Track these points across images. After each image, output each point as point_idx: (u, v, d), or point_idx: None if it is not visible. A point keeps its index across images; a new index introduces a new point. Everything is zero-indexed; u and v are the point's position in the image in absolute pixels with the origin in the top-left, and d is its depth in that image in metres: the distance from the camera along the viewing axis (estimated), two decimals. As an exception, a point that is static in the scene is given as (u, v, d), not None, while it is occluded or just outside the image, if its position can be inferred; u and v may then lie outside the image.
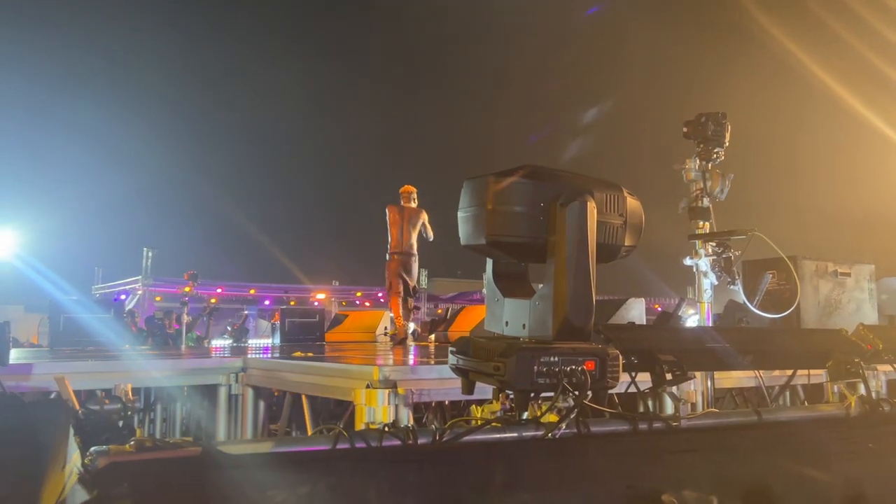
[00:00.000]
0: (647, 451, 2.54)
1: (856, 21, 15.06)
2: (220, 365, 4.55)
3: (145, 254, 19.82)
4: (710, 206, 4.11)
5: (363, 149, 29.37)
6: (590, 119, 22.65)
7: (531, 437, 2.36)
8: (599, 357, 2.36)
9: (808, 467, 2.71)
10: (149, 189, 26.72)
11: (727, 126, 4.13)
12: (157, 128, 27.18)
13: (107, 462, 1.81)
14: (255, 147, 29.73)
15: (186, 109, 27.53)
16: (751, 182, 13.07)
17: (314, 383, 3.84)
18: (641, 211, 2.58)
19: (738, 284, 3.97)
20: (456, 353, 2.56)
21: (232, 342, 10.89)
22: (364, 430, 2.22)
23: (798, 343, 3.34)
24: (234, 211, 24.87)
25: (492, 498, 2.21)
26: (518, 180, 2.39)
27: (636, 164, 15.00)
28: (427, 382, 3.36)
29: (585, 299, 2.36)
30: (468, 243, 2.52)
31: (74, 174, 25.66)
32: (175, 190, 26.94)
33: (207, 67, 29.04)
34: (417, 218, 8.97)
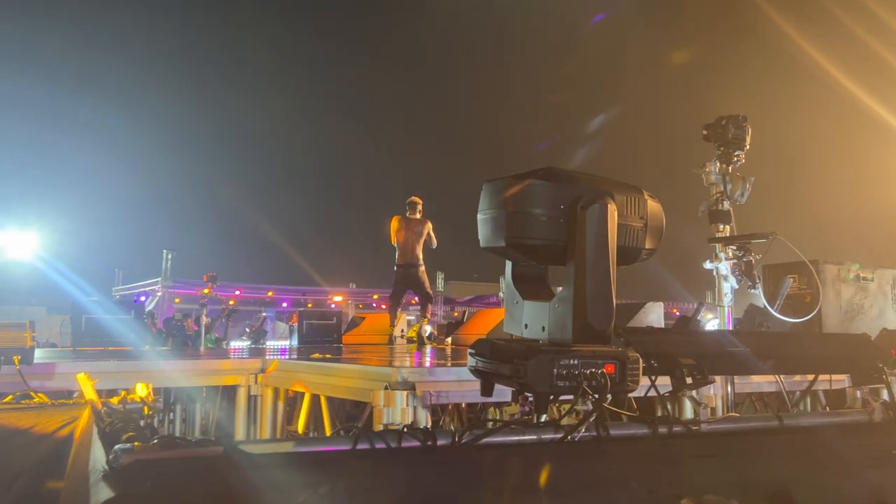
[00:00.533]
0: (668, 456, 2.53)
1: (876, 23, 14.89)
2: (240, 366, 4.58)
3: (165, 256, 20.00)
4: (730, 210, 4.08)
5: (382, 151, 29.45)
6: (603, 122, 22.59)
7: (550, 440, 2.36)
8: (619, 360, 2.35)
9: (831, 474, 2.67)
10: (169, 191, 27.00)
11: (748, 129, 4.10)
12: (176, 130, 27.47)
13: (131, 460, 1.84)
14: (275, 149, 29.94)
15: (206, 112, 27.80)
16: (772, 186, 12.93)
17: (333, 384, 3.85)
18: (662, 214, 2.57)
19: (758, 288, 3.93)
20: (475, 355, 2.57)
21: (250, 343, 10.95)
22: (384, 431, 2.23)
23: (820, 347, 3.30)
24: (253, 213, 25.06)
25: (511, 501, 2.21)
26: (538, 182, 2.39)
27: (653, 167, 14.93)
28: (445, 384, 3.36)
29: (605, 302, 2.36)
30: (488, 245, 2.52)
31: (96, 177, 25.99)
32: (195, 192, 27.21)
33: (227, 70, 29.31)
34: (422, 228, 9.14)
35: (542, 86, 26.72)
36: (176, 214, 26.82)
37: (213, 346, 10.97)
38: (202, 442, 1.96)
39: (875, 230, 14.20)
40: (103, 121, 25.21)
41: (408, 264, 9.20)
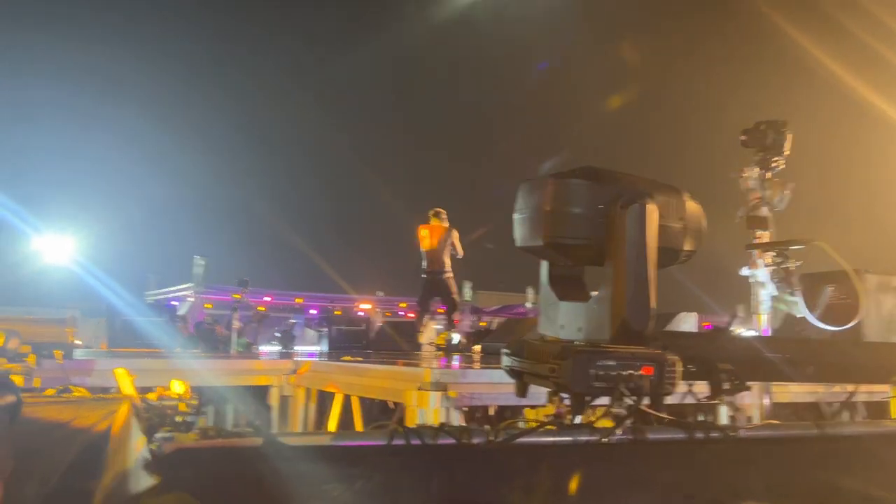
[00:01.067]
0: (705, 461, 2.49)
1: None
2: (272, 366, 4.63)
3: (197, 261, 20.26)
4: (768, 216, 4.01)
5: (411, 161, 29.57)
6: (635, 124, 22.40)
7: (585, 442, 2.34)
8: (658, 363, 2.32)
9: (872, 485, 2.61)
10: (201, 197, 27.35)
11: (787, 135, 4.04)
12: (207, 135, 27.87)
13: (173, 448, 1.86)
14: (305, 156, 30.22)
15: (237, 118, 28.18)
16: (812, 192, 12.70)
17: (366, 385, 3.87)
18: (702, 215, 2.54)
19: (798, 295, 3.86)
20: (510, 355, 2.56)
21: (280, 348, 11.04)
22: (419, 428, 2.23)
23: (861, 356, 3.23)
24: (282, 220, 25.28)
25: (546, 502, 2.19)
26: (577, 181, 2.39)
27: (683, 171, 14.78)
28: (478, 386, 3.36)
29: (644, 303, 2.34)
30: (524, 245, 2.52)
31: (129, 182, 26.45)
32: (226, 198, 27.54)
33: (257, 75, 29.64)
34: (447, 237, 9.29)
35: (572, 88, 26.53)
36: (208, 220, 27.17)
37: (244, 350, 11.08)
38: (241, 433, 1.98)
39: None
40: (136, 126, 25.69)
41: (434, 272, 9.38)
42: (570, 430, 2.36)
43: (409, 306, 24.22)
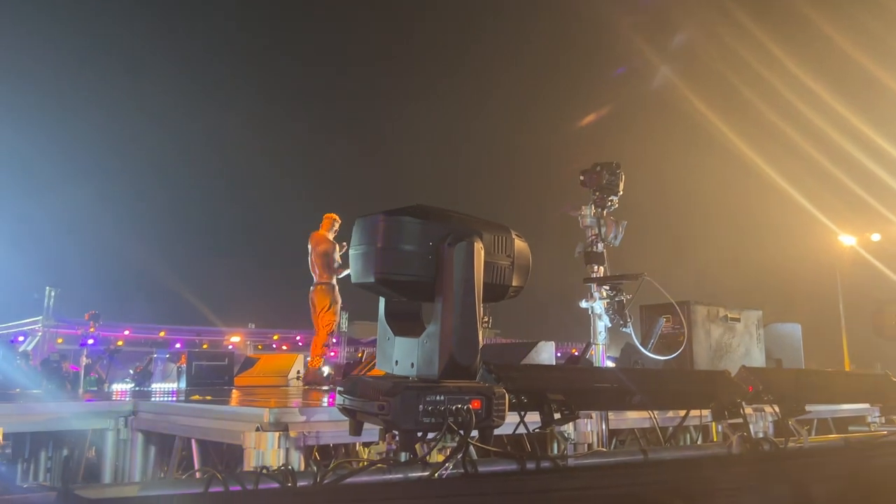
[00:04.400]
0: (535, 491, 2.56)
1: (753, 76, 16.19)
2: (108, 409, 4.32)
3: (47, 293, 18.85)
4: (604, 251, 4.26)
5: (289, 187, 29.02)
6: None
7: (417, 478, 2.34)
8: (486, 395, 2.37)
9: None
10: (53, 223, 25.49)
11: (621, 175, 4.32)
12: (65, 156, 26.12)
13: (-54, 509, 1.68)
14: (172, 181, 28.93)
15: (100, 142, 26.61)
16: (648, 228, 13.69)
17: (205, 427, 3.70)
18: (529, 253, 2.64)
19: (629, 327, 4.10)
20: (343, 393, 2.53)
21: (134, 386, 10.37)
22: (239, 473, 2.15)
23: (684, 383, 3.46)
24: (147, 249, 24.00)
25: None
26: (408, 219, 2.42)
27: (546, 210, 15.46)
28: (320, 425, 3.29)
29: (471, 338, 2.38)
30: (358, 281, 2.52)
31: (-30, 206, 24.24)
32: (83, 226, 25.81)
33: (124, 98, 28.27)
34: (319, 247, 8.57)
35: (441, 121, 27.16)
36: (61, 249, 25.33)
37: (95, 388, 10.33)
38: (34, 488, 1.82)
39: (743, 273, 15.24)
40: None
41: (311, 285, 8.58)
42: (400, 467, 2.36)
43: (281, 338, 23.63)
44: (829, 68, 16.35)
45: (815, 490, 3.17)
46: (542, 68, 23.65)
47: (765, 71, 15.92)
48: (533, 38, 23.86)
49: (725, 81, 16.52)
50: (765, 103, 16.21)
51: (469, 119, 25.84)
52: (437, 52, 23.56)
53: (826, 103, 16.80)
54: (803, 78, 15.83)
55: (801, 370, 5.95)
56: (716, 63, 16.66)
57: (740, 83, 16.27)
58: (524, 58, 23.96)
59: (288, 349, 22.00)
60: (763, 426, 4.66)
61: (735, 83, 16.33)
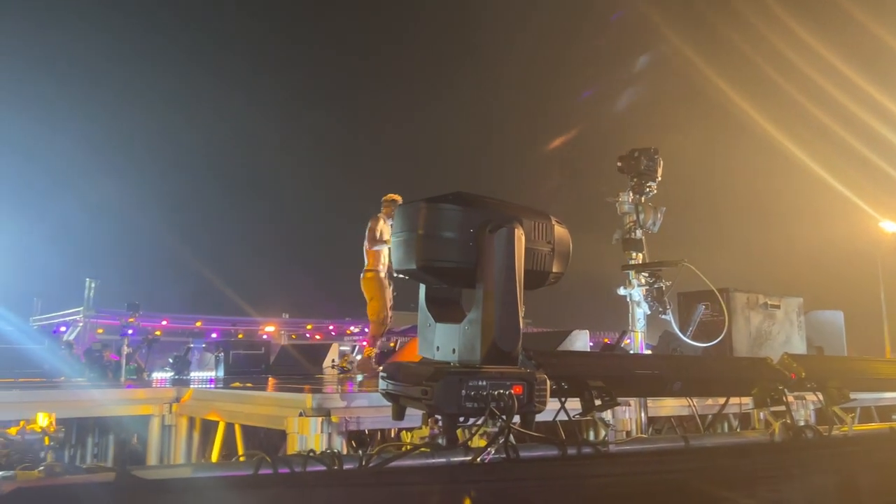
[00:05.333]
0: (577, 476, 2.57)
1: (789, 67, 15.86)
2: (153, 395, 4.43)
3: (87, 284, 19.28)
4: (642, 238, 4.22)
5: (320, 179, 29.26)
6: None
7: (459, 463, 2.36)
8: (527, 381, 2.38)
9: (734, 492, 2.76)
10: (93, 218, 26.04)
11: (659, 161, 4.27)
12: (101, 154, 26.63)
13: (12, 488, 1.75)
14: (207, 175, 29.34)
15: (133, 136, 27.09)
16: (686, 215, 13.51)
17: (248, 412, 3.77)
18: (569, 239, 2.63)
19: (669, 314, 4.07)
20: (386, 379, 2.56)
21: (173, 374, 10.58)
22: (288, 456, 2.19)
23: (725, 370, 3.43)
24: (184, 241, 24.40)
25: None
26: (448, 206, 2.43)
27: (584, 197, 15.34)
28: (361, 410, 3.33)
29: (513, 324, 2.39)
30: (400, 268, 2.54)
31: (14, 201, 24.88)
32: (122, 219, 26.33)
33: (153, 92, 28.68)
34: (367, 226, 7.79)
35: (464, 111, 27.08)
36: (101, 241, 25.89)
37: (135, 376, 10.56)
38: (92, 468, 1.88)
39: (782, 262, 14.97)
40: (25, 142, 24.25)
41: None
42: (443, 452, 2.39)
43: (315, 328, 23.88)
44: (863, 53, 15.96)
45: (862, 479, 3.13)
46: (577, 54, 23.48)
47: (797, 57, 15.59)
48: (564, 27, 23.67)
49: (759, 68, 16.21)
50: (801, 91, 15.89)
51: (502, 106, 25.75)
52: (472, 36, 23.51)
53: (862, 89, 16.40)
54: (837, 63, 15.47)
55: (845, 357, 5.85)
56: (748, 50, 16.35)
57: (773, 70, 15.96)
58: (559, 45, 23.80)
59: (321, 339, 22.18)
60: (805, 414, 4.59)
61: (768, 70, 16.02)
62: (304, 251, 27.69)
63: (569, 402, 2.85)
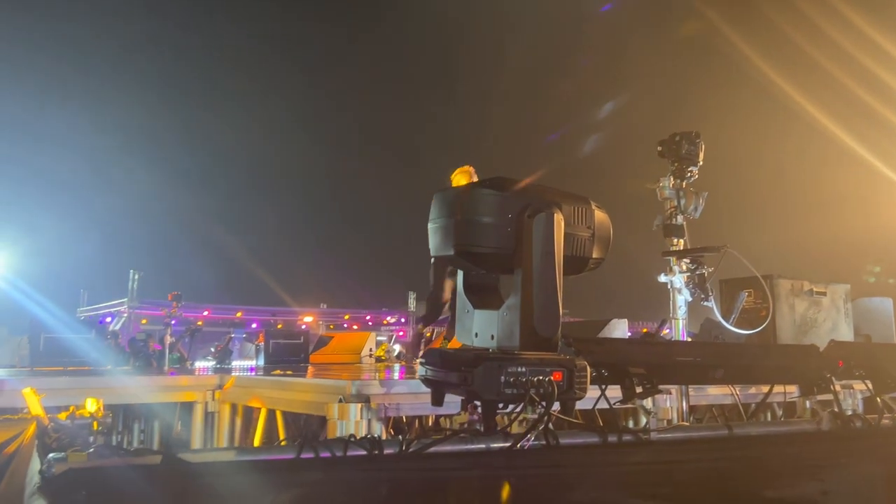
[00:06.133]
0: (618, 464, 2.54)
1: (834, 48, 15.38)
2: (197, 382, 4.52)
3: (131, 276, 19.71)
4: (683, 224, 4.15)
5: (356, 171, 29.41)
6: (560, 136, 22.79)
7: (499, 449, 2.36)
8: (567, 368, 2.36)
9: (779, 481, 2.71)
10: (136, 210, 26.60)
11: (701, 145, 4.19)
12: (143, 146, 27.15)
13: (64, 469, 1.80)
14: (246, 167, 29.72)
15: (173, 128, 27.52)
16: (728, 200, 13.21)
17: (289, 399, 3.83)
18: (610, 224, 2.60)
19: (711, 301, 3.99)
20: (425, 365, 2.56)
21: (215, 363, 10.78)
22: (328, 441, 2.21)
23: (770, 358, 3.36)
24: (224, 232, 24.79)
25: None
26: (486, 191, 2.42)
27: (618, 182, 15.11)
28: (400, 396, 3.36)
29: (552, 309, 2.37)
30: (437, 254, 2.54)
31: (60, 194, 25.55)
32: (163, 211, 26.84)
33: (194, 86, 29.05)
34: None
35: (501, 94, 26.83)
36: (144, 233, 26.45)
37: (177, 365, 10.79)
38: (140, 451, 1.92)
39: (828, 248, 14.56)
40: (69, 137, 24.85)
41: None
42: (482, 437, 2.39)
43: (352, 318, 24.10)
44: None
45: (912, 469, 3.04)
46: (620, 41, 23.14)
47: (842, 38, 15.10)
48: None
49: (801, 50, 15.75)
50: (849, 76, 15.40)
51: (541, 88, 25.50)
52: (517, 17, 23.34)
53: (915, 73, 15.86)
54: (884, 44, 14.94)
55: (894, 345, 5.68)
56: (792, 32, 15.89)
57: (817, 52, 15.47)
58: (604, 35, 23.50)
59: (359, 328, 22.38)
60: (852, 403, 4.48)
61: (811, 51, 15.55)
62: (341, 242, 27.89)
63: (609, 390, 2.82)
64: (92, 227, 24.97)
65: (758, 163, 18.59)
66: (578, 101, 23.69)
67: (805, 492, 2.67)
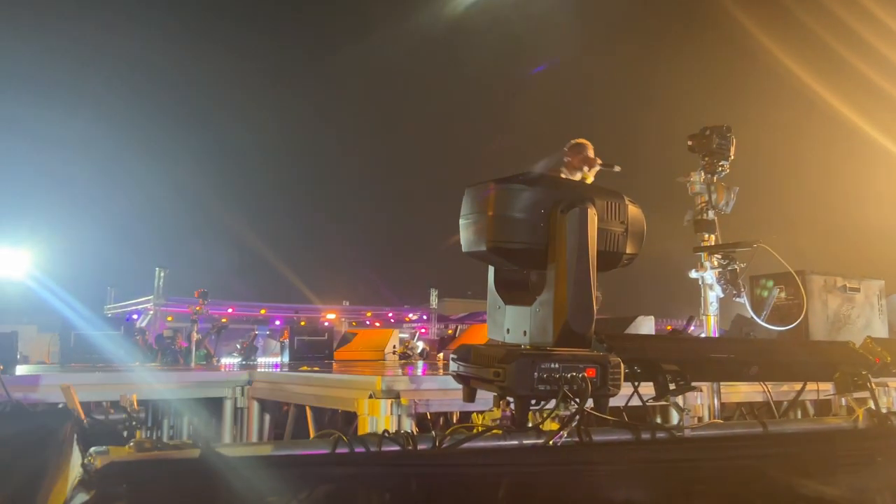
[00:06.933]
0: (653, 461, 2.52)
1: (859, 41, 15.11)
2: (226, 378, 4.57)
3: (157, 274, 19.99)
4: (714, 219, 4.11)
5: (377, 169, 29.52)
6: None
7: (532, 445, 2.35)
8: (600, 364, 2.35)
9: (814, 479, 2.67)
10: (161, 209, 26.95)
11: (732, 139, 4.14)
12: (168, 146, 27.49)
13: (106, 462, 1.82)
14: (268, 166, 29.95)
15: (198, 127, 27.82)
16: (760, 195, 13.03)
17: (318, 395, 3.85)
18: (643, 219, 2.58)
19: (743, 297, 3.95)
20: (457, 360, 2.57)
21: (241, 360, 10.89)
22: (363, 436, 2.22)
23: (804, 354, 3.31)
24: (247, 230, 25.03)
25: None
26: (519, 186, 2.41)
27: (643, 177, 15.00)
28: (430, 393, 3.36)
29: (586, 306, 2.36)
30: (469, 250, 2.53)
31: (87, 194, 25.99)
32: (188, 210, 27.17)
33: (218, 83, 29.33)
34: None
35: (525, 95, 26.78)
36: (169, 232, 26.81)
37: (204, 362, 10.92)
38: (179, 445, 1.95)
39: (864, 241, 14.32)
40: (94, 137, 25.23)
41: None
42: (515, 434, 2.38)
43: (374, 315, 24.22)
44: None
45: (953, 468, 2.98)
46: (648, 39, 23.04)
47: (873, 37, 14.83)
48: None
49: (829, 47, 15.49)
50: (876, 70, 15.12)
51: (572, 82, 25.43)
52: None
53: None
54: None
55: (930, 343, 5.57)
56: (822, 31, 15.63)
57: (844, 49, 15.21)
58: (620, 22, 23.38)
59: (381, 325, 22.49)
60: (887, 402, 4.41)
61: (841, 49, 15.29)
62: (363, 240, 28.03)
63: (641, 387, 2.80)
64: (118, 227, 25.35)
65: (794, 159, 18.35)
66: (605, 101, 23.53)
67: (842, 490, 2.63)
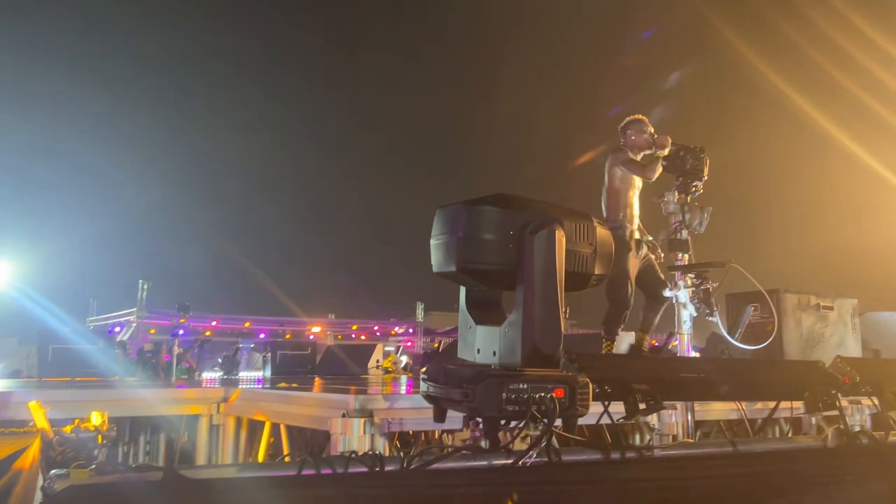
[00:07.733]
0: (621, 480, 2.53)
1: (842, 56, 15.34)
2: (202, 395, 4.54)
3: (140, 286, 19.79)
4: (688, 239, 4.15)
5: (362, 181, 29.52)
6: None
7: (501, 465, 2.35)
8: (569, 384, 2.36)
9: (783, 498, 2.69)
10: (145, 220, 26.79)
11: (706, 160, 4.19)
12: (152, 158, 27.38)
13: (65, 485, 1.81)
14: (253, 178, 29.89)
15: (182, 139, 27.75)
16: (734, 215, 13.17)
17: (293, 413, 3.83)
18: (612, 240, 2.60)
19: (716, 316, 3.98)
20: (427, 381, 2.57)
21: (223, 374, 10.81)
22: (330, 457, 2.22)
23: (775, 374, 3.34)
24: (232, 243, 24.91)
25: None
26: (488, 208, 2.42)
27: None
28: (404, 412, 3.36)
29: (554, 326, 2.37)
30: (440, 270, 2.54)
31: (70, 205, 25.78)
32: (172, 222, 27.01)
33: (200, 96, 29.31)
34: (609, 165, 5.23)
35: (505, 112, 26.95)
36: (153, 244, 26.64)
37: (185, 376, 10.83)
38: (142, 467, 1.93)
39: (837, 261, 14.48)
40: (78, 149, 25.10)
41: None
42: (484, 454, 2.38)
43: (360, 328, 24.11)
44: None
45: (920, 487, 3.01)
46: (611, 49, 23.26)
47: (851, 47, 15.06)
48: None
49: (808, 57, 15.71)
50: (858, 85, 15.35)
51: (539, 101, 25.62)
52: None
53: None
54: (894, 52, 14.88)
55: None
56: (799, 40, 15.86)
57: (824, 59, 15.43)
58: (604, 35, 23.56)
59: (367, 339, 22.36)
60: (860, 419, 4.45)
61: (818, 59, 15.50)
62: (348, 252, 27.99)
63: (612, 406, 2.81)
64: (101, 238, 25.14)
65: (765, 176, 18.54)
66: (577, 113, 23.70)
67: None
